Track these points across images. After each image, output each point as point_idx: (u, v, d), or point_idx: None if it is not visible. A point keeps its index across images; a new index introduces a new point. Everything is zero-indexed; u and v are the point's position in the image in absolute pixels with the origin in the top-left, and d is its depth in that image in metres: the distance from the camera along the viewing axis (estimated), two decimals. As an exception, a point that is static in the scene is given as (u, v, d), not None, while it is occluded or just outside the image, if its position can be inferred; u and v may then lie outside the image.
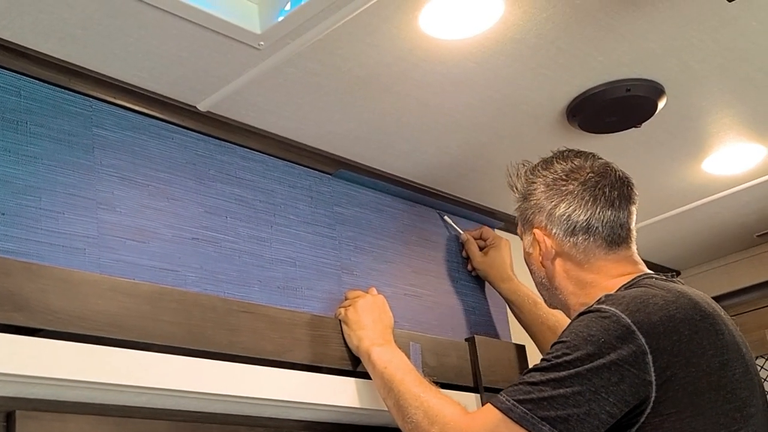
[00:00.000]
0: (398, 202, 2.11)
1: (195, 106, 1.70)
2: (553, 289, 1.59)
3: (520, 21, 1.57)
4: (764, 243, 2.70)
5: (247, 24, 1.48)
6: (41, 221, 1.45)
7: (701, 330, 1.35)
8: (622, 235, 1.54)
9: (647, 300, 1.35)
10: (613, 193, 1.54)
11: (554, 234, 1.55)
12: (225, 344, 1.55)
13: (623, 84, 1.81)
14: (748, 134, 2.11)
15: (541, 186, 1.58)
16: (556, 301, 1.61)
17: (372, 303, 1.76)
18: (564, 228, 1.54)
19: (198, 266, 1.64)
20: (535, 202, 1.58)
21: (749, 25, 1.68)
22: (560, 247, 1.55)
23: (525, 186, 1.62)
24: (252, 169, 1.81)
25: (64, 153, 1.52)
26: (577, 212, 1.52)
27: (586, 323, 1.34)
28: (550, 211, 1.55)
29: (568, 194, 1.54)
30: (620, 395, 1.27)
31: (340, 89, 1.71)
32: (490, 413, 1.34)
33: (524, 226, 1.63)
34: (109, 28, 1.45)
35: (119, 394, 1.43)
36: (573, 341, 1.32)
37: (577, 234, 1.53)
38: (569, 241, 1.53)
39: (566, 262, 1.55)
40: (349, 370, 1.75)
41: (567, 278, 1.55)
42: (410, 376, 1.56)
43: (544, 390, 1.29)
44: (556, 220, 1.54)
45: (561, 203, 1.54)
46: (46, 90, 1.53)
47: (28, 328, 1.33)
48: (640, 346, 1.29)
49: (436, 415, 1.44)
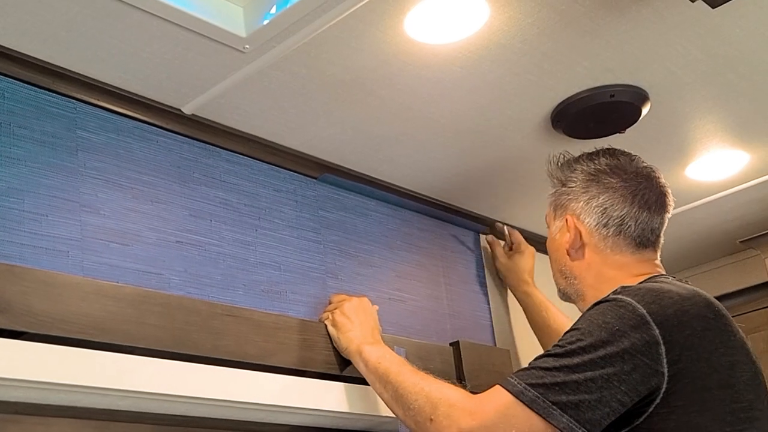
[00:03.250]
0: (383, 207, 2.11)
1: (180, 109, 1.70)
2: (572, 278, 1.58)
3: (505, 26, 1.57)
4: (747, 249, 2.71)
5: (232, 27, 1.48)
6: (24, 223, 1.44)
7: (713, 328, 1.35)
8: (651, 239, 1.55)
9: (663, 293, 1.36)
10: (652, 197, 1.55)
11: (587, 223, 1.55)
12: (209, 348, 1.55)
13: (607, 90, 1.81)
14: (732, 141, 2.12)
15: (582, 175, 1.58)
16: (572, 290, 1.60)
17: (358, 305, 1.76)
18: (598, 219, 1.54)
19: (182, 269, 1.63)
20: (574, 189, 1.58)
21: (733, 33, 1.69)
22: (590, 237, 1.55)
23: (565, 172, 1.62)
24: (237, 173, 1.80)
25: (47, 155, 1.51)
26: (615, 207, 1.53)
27: (601, 311, 1.34)
28: (588, 200, 1.55)
29: (609, 188, 1.54)
30: (632, 384, 1.28)
31: (325, 93, 1.71)
32: (501, 395, 1.34)
33: (556, 211, 1.62)
34: (93, 30, 1.45)
35: (102, 397, 1.43)
36: (587, 328, 1.32)
37: (609, 227, 1.53)
38: (600, 233, 1.53)
39: (592, 253, 1.55)
40: (335, 374, 1.74)
41: (588, 270, 1.55)
42: (406, 368, 1.56)
43: (556, 375, 1.29)
44: (591, 210, 1.54)
45: (600, 195, 1.54)
46: (29, 91, 1.52)
47: (11, 331, 1.32)
48: (653, 336, 1.29)
49: (439, 398, 1.42)
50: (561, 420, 1.28)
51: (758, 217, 2.58)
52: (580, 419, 1.27)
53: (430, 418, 1.40)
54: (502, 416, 1.32)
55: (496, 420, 1.33)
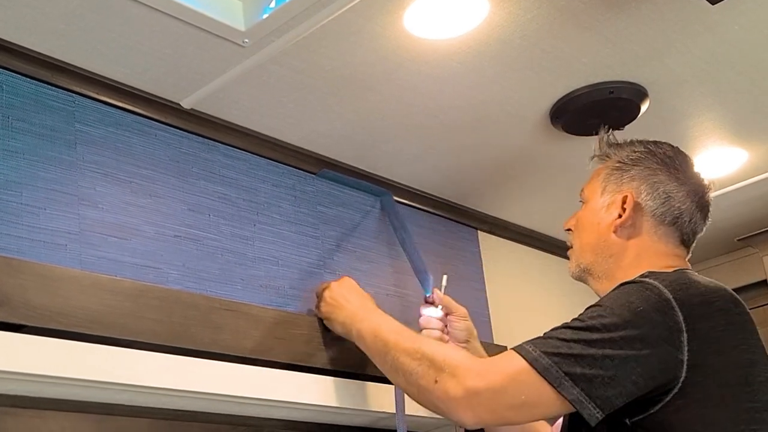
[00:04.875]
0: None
1: (179, 103, 1.69)
2: (607, 255, 1.51)
3: (504, 22, 1.57)
4: (745, 247, 2.71)
5: (231, 21, 1.48)
6: (22, 216, 1.44)
7: (736, 324, 1.34)
8: (692, 240, 1.54)
9: (690, 282, 1.34)
10: (706, 203, 1.55)
11: (645, 206, 1.50)
12: (207, 342, 1.55)
13: (606, 86, 1.81)
14: (730, 138, 2.12)
15: (651, 157, 1.53)
16: (599, 268, 1.52)
17: (337, 288, 1.73)
18: (659, 204, 1.50)
19: (180, 264, 1.63)
20: (641, 168, 1.52)
21: (732, 30, 1.69)
22: (644, 219, 1.50)
23: (627, 151, 1.55)
24: (235, 168, 1.80)
25: (46, 148, 1.51)
26: (679, 197, 1.50)
27: (627, 291, 1.32)
28: (655, 183, 1.50)
29: (677, 179, 1.51)
30: (648, 368, 1.25)
31: (324, 88, 1.70)
32: (513, 360, 1.29)
33: (607, 186, 1.54)
34: (92, 24, 1.45)
35: (100, 391, 1.42)
36: (610, 306, 1.30)
37: (666, 216, 1.50)
38: (657, 218, 1.50)
39: (640, 235, 1.50)
40: (332, 369, 1.74)
41: (629, 250, 1.50)
42: (404, 335, 1.50)
43: (573, 347, 1.26)
44: (655, 194, 1.50)
45: (669, 182, 1.51)
46: (29, 85, 1.52)
47: (9, 324, 1.32)
48: (677, 323, 1.27)
49: (442, 361, 1.35)
50: (572, 392, 1.24)
51: (756, 214, 2.58)
52: (591, 394, 1.24)
53: (434, 380, 1.34)
54: (513, 381, 1.28)
55: (505, 384, 1.29)
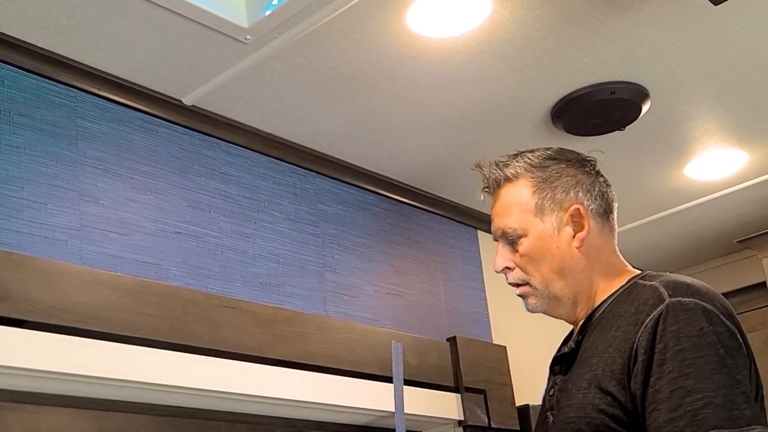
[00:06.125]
0: (382, 201, 2.11)
1: (180, 100, 1.69)
2: (576, 272, 1.39)
3: (507, 21, 1.57)
4: (744, 249, 2.71)
5: (234, 17, 1.48)
6: (23, 211, 1.44)
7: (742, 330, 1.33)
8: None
9: (705, 289, 1.29)
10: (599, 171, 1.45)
11: (591, 210, 1.39)
12: (207, 339, 1.55)
13: (608, 86, 1.81)
14: (731, 140, 2.12)
15: (564, 164, 1.42)
16: (570, 291, 1.39)
17: None
18: (599, 203, 1.40)
19: (180, 260, 1.63)
20: (564, 179, 1.40)
21: (733, 31, 1.69)
22: (595, 224, 1.39)
23: (537, 170, 1.42)
24: (236, 165, 1.80)
25: (47, 143, 1.51)
26: (604, 188, 1.41)
27: (685, 323, 1.23)
28: (588, 187, 1.40)
29: (588, 172, 1.41)
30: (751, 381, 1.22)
31: (326, 86, 1.70)
32: None
33: (545, 207, 1.40)
34: (95, 19, 1.44)
35: (100, 387, 1.42)
36: (695, 345, 1.21)
37: (608, 213, 1.41)
38: (600, 217, 1.40)
39: (598, 241, 1.40)
40: (331, 367, 1.74)
41: (590, 260, 1.39)
42: None
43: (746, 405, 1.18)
44: (593, 196, 1.40)
45: (589, 177, 1.41)
46: (30, 80, 1.52)
47: (9, 319, 1.32)
48: (730, 328, 1.25)
49: None
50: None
51: (755, 216, 2.58)
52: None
53: None
54: None
55: None
